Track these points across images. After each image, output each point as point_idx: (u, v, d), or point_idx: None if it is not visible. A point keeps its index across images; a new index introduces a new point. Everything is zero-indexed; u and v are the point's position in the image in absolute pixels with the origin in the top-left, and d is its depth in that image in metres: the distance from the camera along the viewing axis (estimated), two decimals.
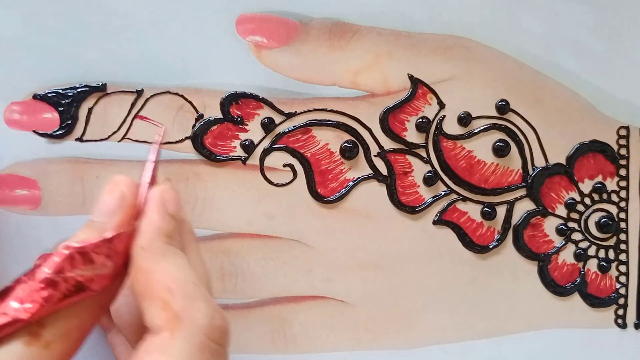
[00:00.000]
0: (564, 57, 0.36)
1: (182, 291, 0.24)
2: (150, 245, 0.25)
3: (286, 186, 0.35)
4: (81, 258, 0.24)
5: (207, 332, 0.23)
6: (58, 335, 0.23)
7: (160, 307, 0.24)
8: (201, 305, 0.24)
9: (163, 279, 0.24)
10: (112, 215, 0.26)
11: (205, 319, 0.24)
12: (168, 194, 0.27)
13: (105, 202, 0.26)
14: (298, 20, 0.35)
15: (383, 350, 0.36)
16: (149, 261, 0.25)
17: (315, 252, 0.36)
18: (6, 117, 0.33)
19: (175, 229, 0.26)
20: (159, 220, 0.26)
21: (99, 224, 0.26)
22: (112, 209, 0.26)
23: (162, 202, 0.26)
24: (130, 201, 0.26)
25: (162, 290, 0.24)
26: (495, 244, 0.36)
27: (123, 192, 0.26)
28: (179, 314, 0.23)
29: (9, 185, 0.34)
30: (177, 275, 0.24)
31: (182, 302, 0.24)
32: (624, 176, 0.37)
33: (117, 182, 0.26)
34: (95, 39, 0.34)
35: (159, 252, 0.25)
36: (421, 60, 0.35)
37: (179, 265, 0.25)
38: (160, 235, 0.25)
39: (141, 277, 0.25)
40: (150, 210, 0.26)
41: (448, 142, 0.36)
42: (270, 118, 0.35)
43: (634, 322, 0.38)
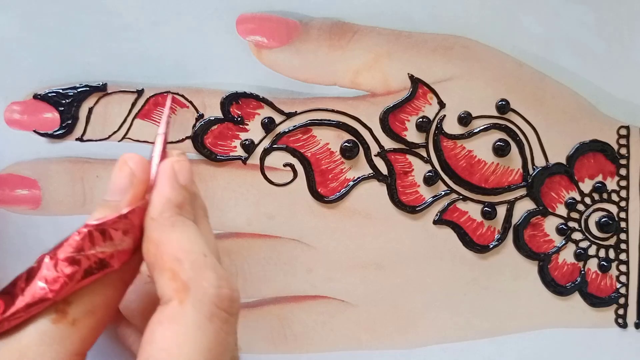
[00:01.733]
0: (564, 57, 0.36)
1: (190, 261, 0.24)
2: (160, 215, 0.25)
3: (286, 186, 0.35)
4: (100, 235, 0.24)
5: (215, 301, 0.24)
6: (84, 312, 0.24)
7: (169, 277, 0.24)
8: (209, 274, 0.24)
9: (172, 249, 0.24)
10: (124, 193, 0.26)
11: (213, 288, 0.24)
12: (180, 165, 0.27)
13: (116, 181, 0.26)
14: (298, 20, 0.35)
15: (383, 349, 0.36)
16: (158, 232, 0.25)
17: (316, 251, 0.36)
18: (6, 117, 0.33)
19: (186, 200, 0.26)
20: (169, 190, 0.26)
21: (112, 203, 0.26)
22: (124, 186, 0.26)
23: (172, 172, 0.26)
24: (140, 177, 0.26)
25: (171, 261, 0.24)
26: (495, 244, 0.37)
27: (132, 169, 0.26)
28: (187, 284, 0.24)
29: (9, 185, 0.34)
30: (186, 245, 0.25)
31: (191, 271, 0.24)
32: (624, 176, 0.37)
33: (126, 160, 0.26)
34: (96, 39, 0.34)
35: (169, 222, 0.25)
36: (421, 60, 0.35)
37: (189, 235, 0.25)
38: (170, 206, 0.25)
39: (152, 248, 0.25)
40: (161, 181, 0.26)
41: (448, 141, 0.36)
42: (271, 118, 0.35)
43: (634, 322, 0.38)
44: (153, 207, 0.25)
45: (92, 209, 0.29)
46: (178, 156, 0.28)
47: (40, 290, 0.23)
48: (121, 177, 0.26)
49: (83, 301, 0.24)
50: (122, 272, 0.25)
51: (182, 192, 0.26)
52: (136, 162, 0.26)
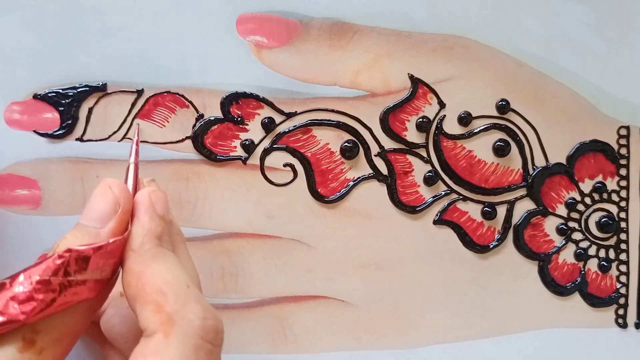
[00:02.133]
0: (564, 57, 0.36)
1: (174, 293, 0.24)
2: (141, 247, 0.25)
3: (286, 186, 0.35)
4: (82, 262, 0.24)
5: (200, 333, 0.23)
6: (51, 341, 0.23)
7: (153, 310, 0.23)
8: (194, 306, 0.24)
9: (155, 281, 0.24)
10: (106, 221, 0.25)
11: (199, 320, 0.23)
12: (156, 195, 0.27)
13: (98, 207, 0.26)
14: (298, 20, 0.35)
15: (383, 350, 0.36)
16: (140, 264, 0.25)
17: (316, 251, 0.36)
18: (6, 117, 0.33)
19: (164, 230, 0.26)
20: (148, 222, 0.26)
21: (92, 229, 0.25)
22: (106, 214, 0.25)
23: (150, 203, 0.26)
24: (125, 207, 0.26)
25: (155, 293, 0.24)
26: (495, 244, 0.36)
27: (117, 197, 0.26)
28: (172, 316, 0.23)
29: (9, 185, 0.34)
30: (169, 277, 0.24)
31: (175, 304, 0.23)
32: (624, 176, 0.37)
33: (110, 186, 0.26)
34: (96, 39, 0.34)
35: (150, 254, 0.25)
36: (421, 60, 0.35)
37: (170, 266, 0.25)
38: (150, 237, 0.25)
39: (133, 280, 0.24)
40: (140, 213, 0.26)
41: (448, 141, 0.36)
42: (271, 118, 0.35)
43: (634, 322, 0.38)
44: (133, 238, 0.25)
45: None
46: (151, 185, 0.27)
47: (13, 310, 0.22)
48: (104, 204, 0.26)
49: (51, 330, 0.23)
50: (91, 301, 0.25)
51: (160, 223, 0.26)
52: (121, 191, 0.26)
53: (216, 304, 0.35)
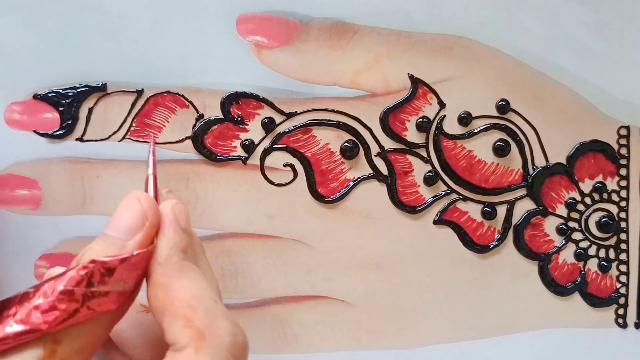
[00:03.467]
0: (564, 57, 0.36)
1: (203, 308, 0.24)
2: (168, 261, 0.25)
3: (286, 186, 0.35)
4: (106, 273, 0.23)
5: (230, 350, 0.23)
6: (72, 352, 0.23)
7: (183, 325, 0.23)
8: (223, 322, 0.24)
9: (183, 295, 0.24)
10: (133, 233, 0.25)
11: (228, 336, 0.24)
12: (178, 208, 0.27)
13: (125, 219, 0.25)
14: (298, 20, 0.35)
15: (383, 350, 0.36)
16: (167, 277, 0.25)
17: (316, 251, 0.36)
18: (6, 117, 0.33)
19: (188, 243, 0.26)
20: (173, 235, 0.26)
21: (118, 240, 0.25)
22: (134, 226, 0.25)
23: (174, 216, 0.26)
24: (153, 220, 0.26)
25: (184, 307, 0.24)
26: (495, 244, 0.37)
27: (145, 210, 0.25)
28: (203, 332, 0.23)
29: (9, 185, 0.34)
30: (197, 291, 0.24)
31: (205, 319, 0.24)
32: (624, 176, 0.37)
33: (138, 198, 0.26)
34: (96, 39, 0.34)
35: (177, 267, 0.25)
36: (421, 60, 0.35)
37: (197, 280, 0.25)
38: (176, 251, 0.25)
39: (160, 293, 0.24)
40: (165, 226, 0.26)
41: (448, 141, 0.36)
42: (271, 118, 0.35)
43: (634, 322, 0.38)
44: (160, 252, 0.25)
45: (91, 210, 0.29)
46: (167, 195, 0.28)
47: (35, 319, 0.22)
48: (132, 216, 0.25)
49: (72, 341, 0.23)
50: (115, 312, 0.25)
51: (184, 236, 0.26)
52: (149, 204, 0.26)
53: None
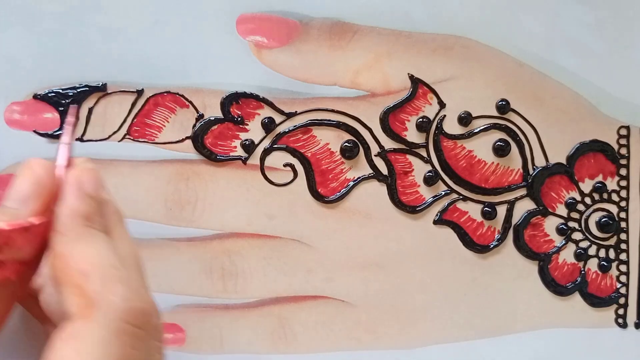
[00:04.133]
0: (564, 56, 0.36)
1: (98, 275, 0.23)
2: (66, 228, 0.24)
3: (286, 186, 0.35)
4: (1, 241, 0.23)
5: (124, 316, 0.22)
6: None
7: (75, 293, 0.23)
8: (118, 288, 0.23)
9: (79, 263, 0.23)
10: (27, 201, 0.24)
11: (123, 302, 0.22)
12: (86, 174, 0.25)
13: (20, 188, 0.25)
14: (298, 20, 0.35)
15: (383, 350, 0.36)
16: (65, 245, 0.24)
17: (316, 252, 0.36)
18: (6, 117, 0.33)
19: (94, 210, 0.25)
20: (74, 201, 0.24)
21: (12, 210, 0.24)
22: (27, 194, 0.24)
23: (78, 183, 0.25)
24: (46, 185, 0.25)
25: (78, 275, 0.23)
26: (495, 244, 0.36)
27: (39, 176, 0.25)
28: (93, 299, 0.22)
29: (9, 185, 0.34)
30: (94, 258, 0.23)
31: (97, 285, 0.22)
32: (624, 176, 0.37)
33: (31, 165, 0.25)
34: (96, 39, 0.34)
35: (76, 235, 0.24)
36: (421, 60, 0.35)
37: (97, 247, 0.24)
38: (77, 218, 0.24)
39: (58, 263, 0.24)
40: (66, 192, 0.25)
41: (448, 141, 0.36)
42: (271, 118, 0.35)
43: (634, 322, 0.38)
44: (59, 219, 0.24)
45: None
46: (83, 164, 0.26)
47: None
48: (24, 184, 0.24)
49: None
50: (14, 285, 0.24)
51: (89, 202, 0.25)
52: (42, 168, 0.25)
53: (216, 304, 0.35)
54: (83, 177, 0.25)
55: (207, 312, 0.35)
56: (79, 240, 0.24)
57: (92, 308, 0.22)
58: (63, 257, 0.23)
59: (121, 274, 0.23)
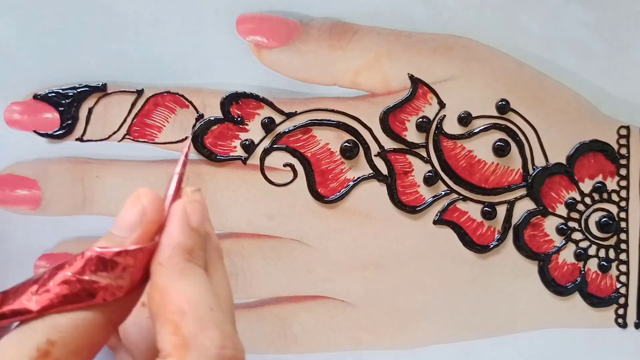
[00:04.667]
0: (564, 56, 0.36)
1: (194, 315, 0.22)
2: (169, 261, 0.24)
3: (286, 186, 0.35)
4: (100, 263, 0.23)
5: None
6: (67, 354, 0.22)
7: (171, 331, 0.22)
8: (213, 332, 0.22)
9: (177, 299, 0.23)
10: (132, 230, 0.24)
11: (215, 348, 0.22)
12: (193, 205, 0.25)
13: (126, 216, 0.24)
14: (298, 20, 0.35)
15: (383, 350, 0.36)
16: (166, 278, 0.23)
17: (316, 251, 0.36)
18: (6, 117, 0.33)
19: (197, 245, 0.25)
20: (179, 234, 0.24)
21: (117, 238, 0.24)
22: (134, 223, 0.24)
23: (184, 215, 0.25)
24: (152, 216, 0.24)
25: (175, 312, 0.23)
26: (495, 244, 0.37)
27: (145, 207, 0.24)
28: (188, 341, 0.22)
29: (9, 185, 0.34)
30: (193, 296, 0.23)
31: (193, 327, 0.22)
32: (624, 176, 0.37)
33: (140, 195, 0.25)
34: (95, 39, 0.34)
35: (177, 269, 0.23)
36: (421, 60, 0.35)
37: (197, 285, 0.23)
38: (180, 251, 0.24)
39: (156, 295, 0.23)
40: (171, 224, 0.24)
41: (448, 141, 0.36)
42: (271, 118, 0.35)
43: (634, 322, 0.38)
44: (161, 251, 0.24)
45: (91, 210, 0.28)
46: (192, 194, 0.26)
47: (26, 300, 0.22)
48: (132, 214, 0.24)
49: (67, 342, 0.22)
50: (111, 313, 0.24)
51: (193, 236, 0.24)
52: (150, 200, 0.25)
53: None
54: (189, 208, 0.25)
55: None
56: (180, 275, 0.23)
57: (186, 350, 0.22)
58: (162, 289, 0.23)
59: (217, 317, 0.23)
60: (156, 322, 0.23)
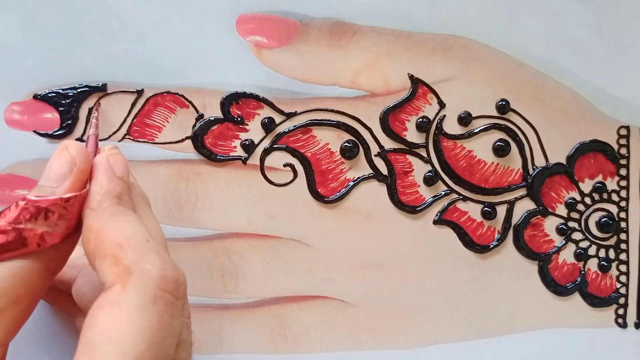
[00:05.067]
0: (564, 57, 0.36)
1: (132, 246, 0.24)
2: (99, 205, 0.25)
3: (286, 186, 0.35)
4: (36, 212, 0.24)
5: (159, 283, 0.23)
6: (9, 303, 0.24)
7: (111, 263, 0.24)
8: (152, 257, 0.24)
9: (113, 235, 0.24)
10: (62, 180, 0.26)
11: (157, 270, 0.24)
12: (115, 158, 0.27)
13: (54, 167, 0.26)
14: (298, 20, 0.35)
15: (383, 350, 0.36)
16: (98, 221, 0.25)
17: (316, 251, 0.36)
18: (7, 117, 0.33)
19: (124, 191, 0.27)
20: (106, 182, 0.26)
21: (48, 188, 0.25)
22: (63, 173, 0.26)
23: (108, 165, 0.27)
24: (82, 166, 0.26)
25: (113, 247, 0.24)
26: (495, 244, 0.37)
27: (73, 157, 0.26)
28: (130, 268, 0.23)
29: (9, 185, 0.34)
30: (128, 231, 0.25)
31: (133, 255, 0.24)
32: (624, 176, 0.37)
33: (67, 146, 0.26)
34: (95, 39, 0.34)
35: (109, 211, 0.25)
36: (421, 60, 0.35)
37: (129, 222, 0.25)
38: (109, 196, 0.26)
39: (91, 237, 0.25)
40: (98, 173, 0.26)
41: (448, 141, 0.36)
42: (271, 118, 0.35)
43: (634, 322, 0.38)
44: (92, 198, 0.26)
45: None
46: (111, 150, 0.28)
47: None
48: (60, 164, 0.26)
49: (7, 291, 0.24)
50: (49, 261, 0.25)
51: (119, 183, 0.27)
52: (78, 151, 0.26)
53: (216, 304, 0.35)
54: (112, 160, 0.27)
55: (207, 312, 0.35)
56: (112, 216, 0.25)
57: (129, 276, 0.23)
58: (97, 231, 0.25)
59: (154, 246, 0.25)
60: (95, 260, 0.24)
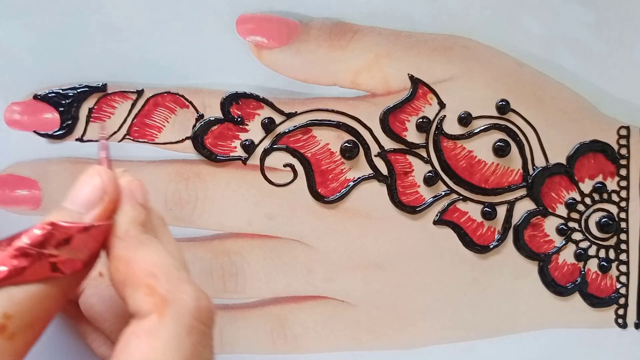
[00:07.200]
0: (564, 57, 0.36)
1: (165, 275, 0.24)
2: (127, 234, 0.25)
3: (286, 186, 0.35)
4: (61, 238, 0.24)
5: (194, 314, 0.24)
6: (23, 326, 0.23)
7: (146, 293, 0.24)
8: (186, 287, 0.24)
9: (144, 265, 0.24)
10: (91, 207, 0.25)
11: (192, 300, 0.24)
12: (134, 184, 0.27)
13: (84, 193, 0.26)
14: (298, 20, 0.35)
15: (383, 350, 0.36)
16: (127, 250, 0.25)
17: (316, 252, 0.36)
18: (7, 118, 0.33)
19: (147, 217, 0.26)
20: (131, 210, 0.26)
21: (75, 213, 0.25)
22: (93, 200, 0.25)
23: (130, 192, 0.27)
24: (112, 196, 0.26)
25: (146, 276, 0.24)
26: (495, 244, 0.37)
27: (105, 185, 0.26)
28: (166, 297, 0.23)
29: (9, 186, 0.34)
30: (158, 260, 0.25)
31: (167, 285, 0.24)
32: (624, 176, 0.37)
33: (99, 173, 0.26)
34: (96, 39, 0.34)
35: (136, 240, 0.25)
36: (421, 60, 0.35)
37: (157, 251, 0.25)
38: (135, 225, 0.26)
39: (121, 266, 0.25)
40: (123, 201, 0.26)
41: (448, 142, 0.36)
42: (271, 118, 0.35)
43: (634, 322, 0.38)
44: (119, 226, 0.25)
45: None
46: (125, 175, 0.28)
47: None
48: (91, 190, 0.26)
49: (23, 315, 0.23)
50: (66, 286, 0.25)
51: (142, 210, 0.26)
52: (109, 179, 0.26)
53: (216, 304, 0.35)
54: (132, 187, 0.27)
55: None
56: (140, 245, 0.25)
57: (166, 305, 0.23)
58: (126, 260, 0.25)
59: (183, 275, 0.25)
60: (124, 289, 0.24)
